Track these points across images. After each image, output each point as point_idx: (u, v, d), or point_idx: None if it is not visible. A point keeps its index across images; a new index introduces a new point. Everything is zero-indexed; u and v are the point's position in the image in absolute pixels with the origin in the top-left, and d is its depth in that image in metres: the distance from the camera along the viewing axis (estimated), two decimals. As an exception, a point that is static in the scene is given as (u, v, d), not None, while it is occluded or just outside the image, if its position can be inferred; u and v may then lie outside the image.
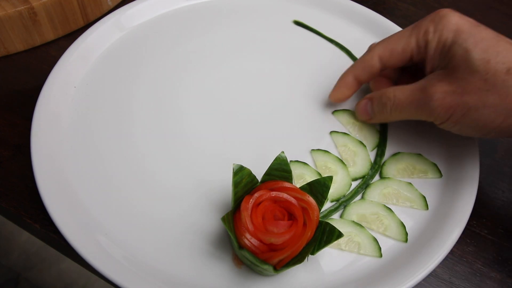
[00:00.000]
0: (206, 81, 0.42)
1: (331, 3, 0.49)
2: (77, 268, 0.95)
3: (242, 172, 0.30)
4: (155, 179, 0.36)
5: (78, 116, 0.39)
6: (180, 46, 0.45)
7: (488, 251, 0.35)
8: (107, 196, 0.34)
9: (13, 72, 0.43)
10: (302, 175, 0.36)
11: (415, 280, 0.30)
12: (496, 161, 0.40)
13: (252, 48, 0.46)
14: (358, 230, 0.33)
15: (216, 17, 0.48)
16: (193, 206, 0.34)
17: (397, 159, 0.38)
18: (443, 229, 0.33)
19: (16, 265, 0.95)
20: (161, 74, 0.43)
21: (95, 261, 0.30)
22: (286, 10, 0.49)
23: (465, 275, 0.34)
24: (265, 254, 0.28)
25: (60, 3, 0.43)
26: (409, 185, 0.36)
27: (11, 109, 0.40)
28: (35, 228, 0.34)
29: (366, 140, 0.39)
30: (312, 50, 0.46)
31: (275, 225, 0.28)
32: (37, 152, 0.34)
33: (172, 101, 0.41)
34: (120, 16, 0.45)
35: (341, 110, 0.41)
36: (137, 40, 0.45)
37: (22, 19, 0.42)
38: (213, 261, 0.32)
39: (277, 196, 0.29)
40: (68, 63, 0.41)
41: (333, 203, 0.35)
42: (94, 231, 0.32)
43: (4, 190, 0.35)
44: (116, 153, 0.37)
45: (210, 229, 0.33)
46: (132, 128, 0.38)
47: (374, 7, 0.50)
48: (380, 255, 0.33)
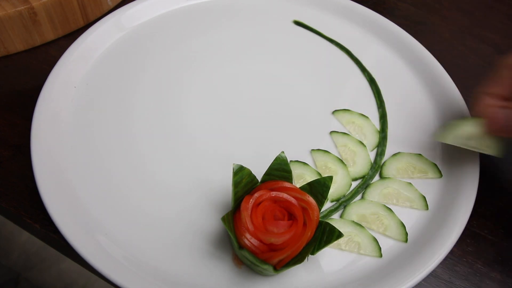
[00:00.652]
0: (205, 81, 0.42)
1: (331, 3, 0.49)
2: (77, 268, 0.94)
3: (242, 172, 0.30)
4: (155, 179, 0.36)
5: (78, 116, 0.39)
6: (180, 46, 0.45)
7: (488, 251, 0.35)
8: (107, 196, 0.34)
9: (13, 72, 0.43)
10: (302, 175, 0.36)
11: (415, 280, 0.30)
12: (496, 161, 0.40)
13: (252, 48, 0.46)
14: (358, 230, 0.33)
15: (216, 17, 0.48)
16: (193, 206, 0.34)
17: (397, 159, 0.38)
18: (443, 229, 0.33)
19: (16, 265, 0.95)
20: (161, 74, 0.43)
21: (95, 261, 0.30)
22: (286, 10, 0.49)
23: (465, 275, 0.34)
24: (265, 254, 0.28)
25: (60, 3, 0.43)
26: (409, 185, 0.36)
27: (11, 109, 0.40)
28: (35, 228, 0.34)
29: (366, 140, 0.39)
30: (312, 50, 0.46)
31: (275, 225, 0.28)
32: (37, 152, 0.34)
33: (172, 101, 0.41)
34: (120, 16, 0.45)
35: (341, 110, 0.41)
36: (137, 40, 0.45)
37: (22, 19, 0.42)
38: (213, 261, 0.32)
39: (277, 196, 0.29)
40: (68, 63, 0.41)
41: (333, 203, 0.35)
42: (94, 231, 0.32)
43: (4, 190, 0.35)
44: (116, 153, 0.37)
45: (210, 229, 0.33)
46: (132, 128, 0.38)
47: (374, 7, 0.50)
48: (380, 255, 0.33)
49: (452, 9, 0.54)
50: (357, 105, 0.42)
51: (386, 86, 0.43)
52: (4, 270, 0.94)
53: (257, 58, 0.45)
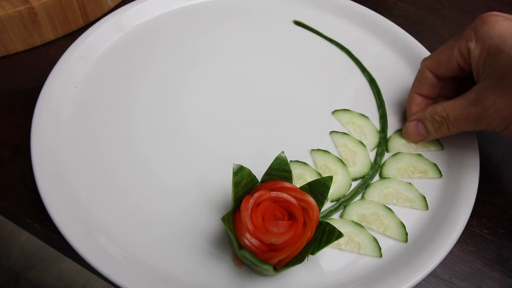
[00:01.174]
0: (205, 81, 0.42)
1: (331, 3, 0.49)
2: (77, 268, 0.94)
3: (242, 172, 0.30)
4: (155, 180, 0.36)
5: (78, 116, 0.39)
6: (180, 46, 0.45)
7: (488, 251, 0.35)
8: (107, 196, 0.34)
9: (13, 72, 0.43)
10: (302, 175, 0.36)
11: (415, 280, 0.30)
12: (496, 161, 0.40)
13: (252, 49, 0.46)
14: (358, 230, 0.33)
15: (216, 17, 0.48)
16: (193, 206, 0.34)
17: (397, 159, 0.38)
18: (443, 229, 0.33)
19: (16, 265, 0.95)
20: (161, 74, 0.43)
21: (95, 261, 0.30)
22: (286, 10, 0.49)
23: (465, 275, 0.34)
24: (265, 254, 0.28)
25: (60, 3, 0.43)
26: (409, 185, 0.36)
27: (11, 109, 0.40)
28: (35, 228, 0.34)
29: (366, 140, 0.39)
30: (312, 50, 0.46)
31: (275, 225, 0.28)
32: (37, 152, 0.34)
33: (172, 101, 0.41)
34: (120, 16, 0.45)
35: (341, 110, 0.41)
36: (137, 40, 0.45)
37: (22, 19, 0.42)
38: (213, 261, 0.32)
39: (277, 196, 0.29)
40: (68, 63, 0.41)
41: (333, 203, 0.35)
42: (94, 231, 0.32)
43: (4, 190, 0.35)
44: (116, 153, 0.37)
45: (210, 229, 0.33)
46: (132, 128, 0.38)
47: (374, 7, 0.50)
48: (380, 255, 0.33)
49: (452, 9, 0.54)
50: (357, 105, 0.42)
51: (386, 86, 0.43)
52: (4, 270, 0.94)
53: (257, 58, 0.45)
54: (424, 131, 0.38)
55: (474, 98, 0.33)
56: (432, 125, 0.37)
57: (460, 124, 0.35)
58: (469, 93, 0.34)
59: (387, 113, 0.41)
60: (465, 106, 0.34)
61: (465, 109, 0.34)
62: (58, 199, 0.33)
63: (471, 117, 0.34)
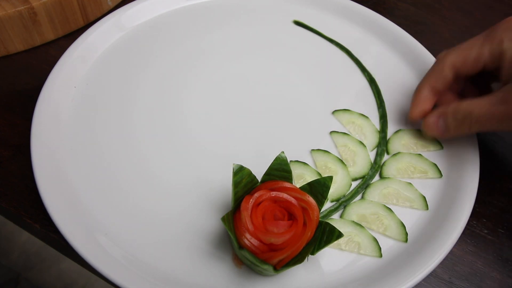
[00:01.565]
0: (205, 81, 0.42)
1: (331, 3, 0.49)
2: (77, 268, 0.94)
3: (242, 172, 0.30)
4: (155, 180, 0.36)
5: (78, 116, 0.39)
6: (180, 46, 0.45)
7: (488, 251, 0.35)
8: (107, 196, 0.34)
9: (13, 72, 0.43)
10: (302, 175, 0.36)
11: (415, 280, 0.30)
12: (496, 161, 0.40)
13: (252, 49, 0.46)
14: (358, 230, 0.33)
15: (216, 17, 0.48)
16: (193, 206, 0.34)
17: (397, 159, 0.38)
18: (443, 229, 0.33)
19: (16, 265, 0.95)
20: (161, 74, 0.43)
21: (95, 261, 0.30)
22: (286, 10, 0.49)
23: (465, 275, 0.34)
24: (265, 254, 0.28)
25: (60, 3, 0.43)
26: (409, 185, 0.36)
27: (11, 109, 0.40)
28: (35, 228, 0.34)
29: (366, 140, 0.39)
30: (312, 50, 0.46)
31: (275, 225, 0.28)
32: (37, 152, 0.35)
33: (172, 101, 0.41)
34: (120, 16, 0.45)
35: (341, 110, 0.41)
36: (137, 40, 0.45)
37: (22, 19, 0.42)
38: (213, 261, 0.32)
39: (277, 196, 0.29)
40: (68, 63, 0.41)
41: (333, 203, 0.35)
42: (94, 231, 0.32)
43: (4, 190, 0.35)
44: (116, 153, 0.37)
45: (210, 229, 0.33)
46: (132, 128, 0.38)
47: (374, 7, 0.50)
48: (380, 255, 0.33)
49: (452, 9, 0.54)
50: (357, 105, 0.42)
51: (386, 86, 0.43)
52: (4, 270, 0.94)
53: (257, 58, 0.45)
54: (444, 127, 0.37)
55: (502, 97, 0.33)
56: (454, 121, 0.35)
57: (483, 123, 0.34)
58: (497, 92, 0.33)
59: (387, 113, 0.41)
60: (492, 104, 0.33)
61: (492, 107, 0.33)
62: (58, 199, 0.33)
63: (496, 116, 0.33)
